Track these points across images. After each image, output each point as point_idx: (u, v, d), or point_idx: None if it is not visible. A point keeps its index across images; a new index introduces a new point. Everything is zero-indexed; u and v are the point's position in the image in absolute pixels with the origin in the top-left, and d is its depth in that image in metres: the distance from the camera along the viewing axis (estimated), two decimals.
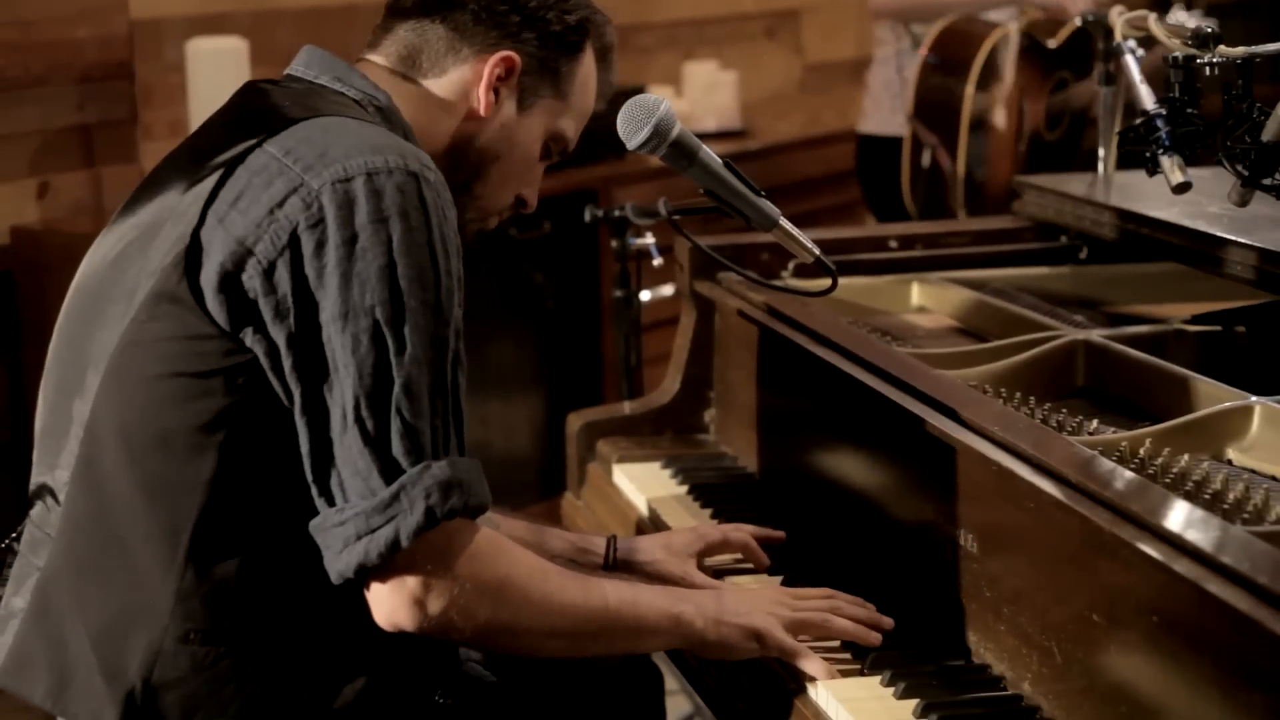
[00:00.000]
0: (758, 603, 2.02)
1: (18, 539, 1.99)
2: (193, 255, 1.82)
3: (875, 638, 1.98)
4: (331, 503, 1.80)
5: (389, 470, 1.77)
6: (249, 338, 1.80)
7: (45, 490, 1.94)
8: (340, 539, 1.78)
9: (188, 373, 1.82)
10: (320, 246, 1.79)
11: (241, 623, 1.84)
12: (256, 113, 1.93)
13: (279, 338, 1.79)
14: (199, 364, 1.81)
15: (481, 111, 2.03)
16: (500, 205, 2.10)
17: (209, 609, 1.82)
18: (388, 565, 1.79)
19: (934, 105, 4.46)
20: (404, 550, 1.77)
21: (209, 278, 1.80)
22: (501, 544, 1.88)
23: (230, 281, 1.80)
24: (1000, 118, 4.40)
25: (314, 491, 1.80)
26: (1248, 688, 1.48)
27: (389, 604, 1.81)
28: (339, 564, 1.79)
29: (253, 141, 1.86)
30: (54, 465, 1.92)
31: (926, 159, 4.46)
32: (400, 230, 1.79)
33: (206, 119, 2.02)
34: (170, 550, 1.82)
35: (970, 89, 4.38)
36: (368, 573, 1.79)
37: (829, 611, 2.01)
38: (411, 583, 1.80)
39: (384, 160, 1.82)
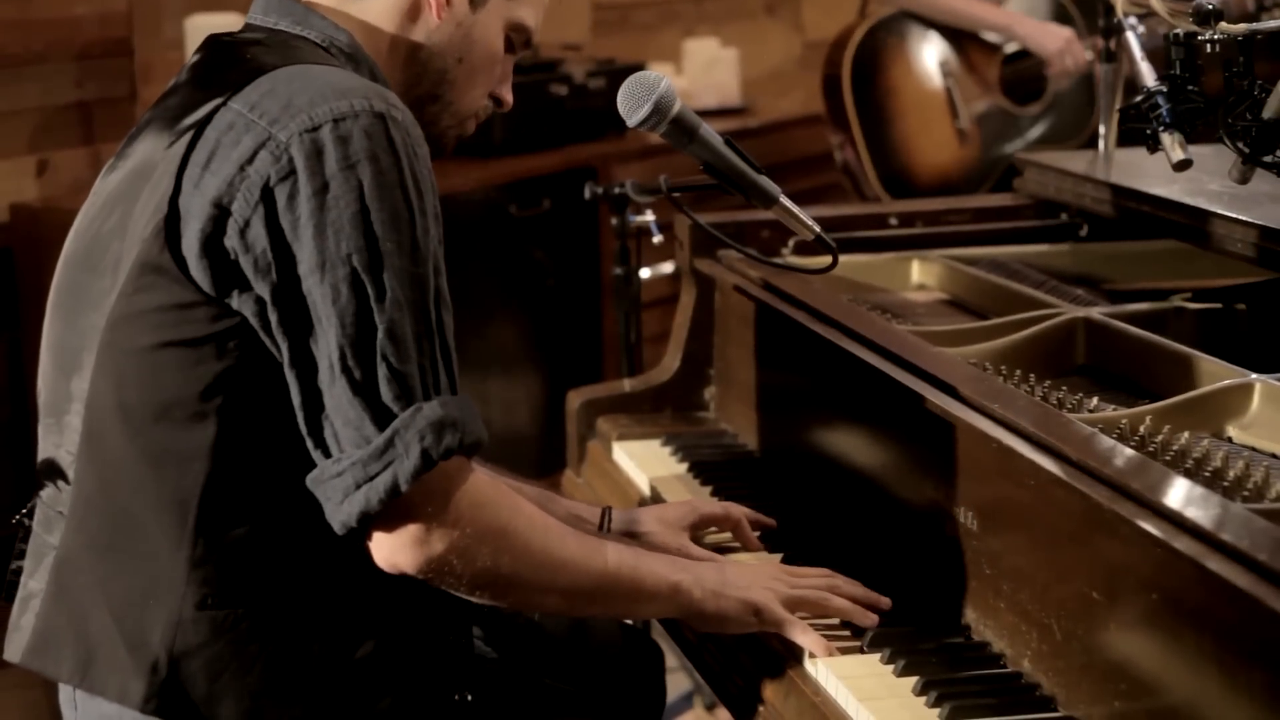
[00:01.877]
0: (757, 578, 2.02)
1: (29, 515, 1.99)
2: (172, 224, 1.81)
3: (872, 618, 1.98)
4: (327, 454, 1.80)
5: (381, 417, 1.77)
6: (236, 300, 1.80)
7: (53, 468, 1.94)
8: (340, 490, 1.78)
9: (179, 341, 1.82)
10: (293, 198, 1.78)
11: (257, 584, 1.84)
12: (218, 69, 1.92)
13: (264, 294, 1.79)
14: (190, 331, 1.81)
15: (434, 16, 2.01)
16: (474, 107, 2.08)
17: (223, 573, 1.83)
18: (389, 510, 1.79)
19: (831, 101, 4.48)
20: (404, 494, 1.78)
21: (190, 244, 1.80)
22: (504, 491, 1.88)
23: (212, 245, 1.79)
24: (905, 101, 4.40)
25: (309, 445, 1.80)
26: (1247, 664, 1.48)
27: (390, 545, 1.81)
28: (340, 515, 1.79)
29: (218, 100, 1.85)
30: (59, 443, 1.93)
31: (839, 157, 4.49)
32: (370, 174, 1.79)
33: (173, 80, 2.00)
34: (180, 519, 1.83)
35: (847, 82, 4.39)
36: (370, 520, 1.79)
37: (827, 590, 2.01)
38: (413, 523, 1.80)
39: (349, 105, 1.81)
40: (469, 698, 1.94)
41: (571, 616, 2.17)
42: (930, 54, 4.43)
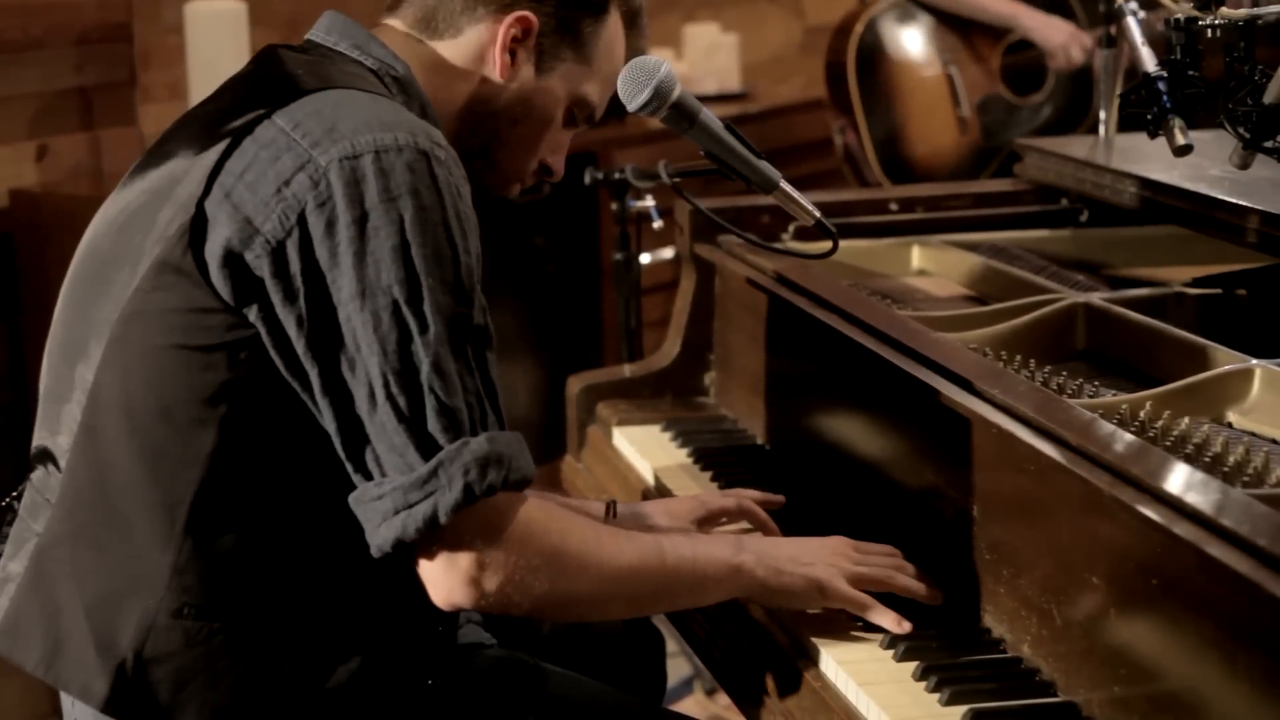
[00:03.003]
0: (821, 553, 1.99)
1: (18, 498, 1.99)
2: (197, 226, 1.80)
3: (939, 597, 1.97)
4: (369, 478, 1.78)
5: (426, 447, 1.75)
6: (252, 314, 1.78)
7: (46, 455, 1.93)
8: (379, 513, 1.76)
9: (190, 345, 1.80)
10: (330, 226, 1.76)
11: (236, 599, 1.83)
12: (268, 81, 1.90)
13: (289, 318, 1.77)
14: (202, 337, 1.80)
15: (497, 74, 1.99)
16: (522, 172, 2.06)
17: (204, 584, 1.82)
18: (433, 543, 1.77)
19: (834, 87, 4.49)
20: (447, 526, 1.75)
21: (214, 251, 1.79)
22: (553, 513, 1.85)
23: (235, 259, 1.78)
24: (907, 89, 4.42)
25: (350, 468, 1.78)
26: (1248, 650, 1.48)
27: (445, 584, 1.79)
28: (377, 538, 1.77)
29: (261, 111, 1.83)
30: (56, 430, 1.92)
31: (840, 142, 4.50)
32: (412, 209, 1.77)
33: (224, 82, 1.99)
34: (168, 523, 1.81)
35: (852, 68, 4.40)
36: (406, 549, 1.77)
37: (892, 569, 1.98)
38: (464, 560, 1.77)
39: (393, 138, 1.79)
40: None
41: (642, 617, 2.15)
42: (933, 42, 4.43)
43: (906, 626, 1.91)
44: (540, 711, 1.98)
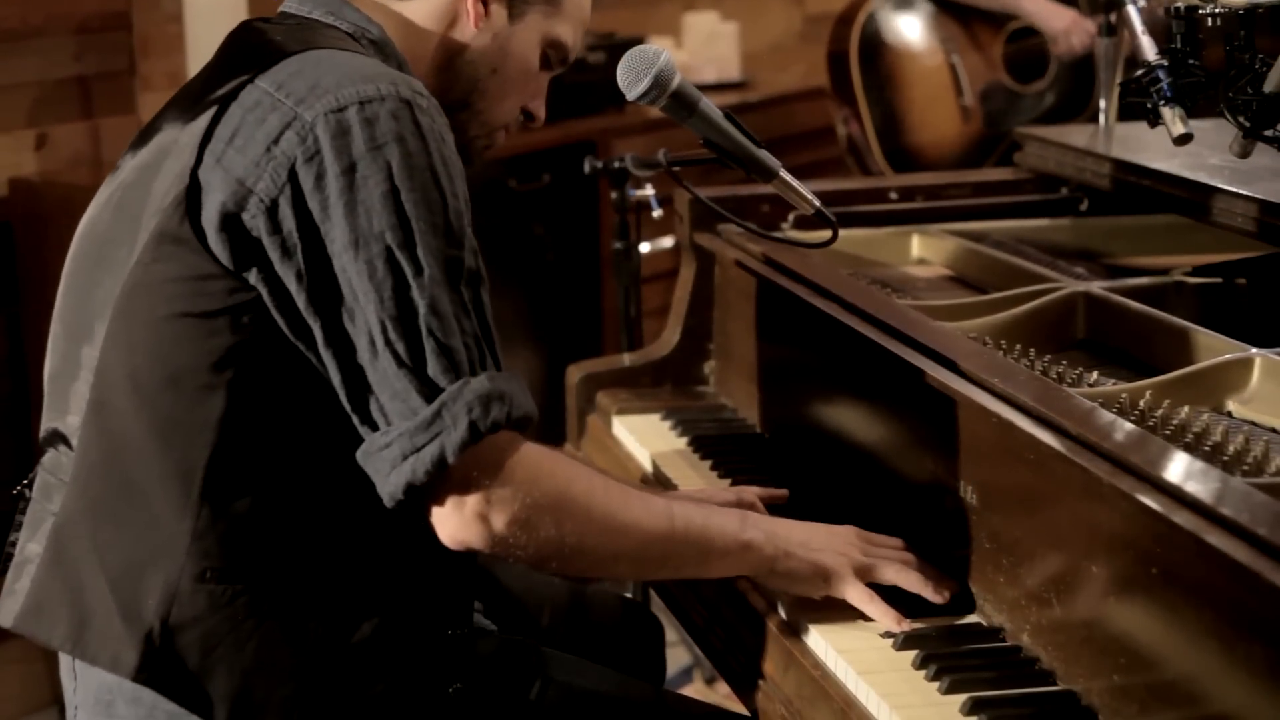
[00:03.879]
0: (831, 541, 1.99)
1: (29, 486, 2.00)
2: (192, 195, 1.82)
3: (944, 596, 1.96)
4: (375, 429, 1.79)
5: (428, 389, 1.77)
6: (253, 276, 1.80)
7: (57, 436, 1.94)
8: (387, 462, 1.78)
9: (194, 313, 1.82)
10: (320, 179, 1.79)
11: (257, 560, 1.84)
12: (249, 49, 1.93)
13: (288, 275, 1.79)
14: (205, 304, 1.81)
15: (471, 24, 2.02)
16: (504, 119, 2.09)
17: (224, 547, 1.83)
18: (441, 484, 1.78)
19: (837, 77, 4.50)
20: (454, 466, 1.77)
21: (210, 217, 1.80)
22: (560, 460, 1.88)
23: (232, 221, 1.80)
24: (910, 77, 4.42)
25: (355, 421, 1.80)
26: (1247, 639, 1.49)
27: (453, 523, 1.81)
28: (388, 486, 1.78)
29: (245, 77, 1.86)
30: (65, 411, 1.93)
31: (843, 131, 4.50)
32: (398, 156, 1.79)
33: (206, 63, 2.01)
34: (184, 491, 1.83)
35: (855, 57, 4.41)
36: (418, 493, 1.78)
37: (900, 563, 1.98)
38: (471, 499, 1.79)
39: (376, 88, 1.81)
40: (461, 689, 1.93)
41: (643, 580, 2.14)
42: (935, 31, 4.43)
43: (906, 626, 1.91)
44: (544, 694, 1.99)
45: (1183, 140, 2.22)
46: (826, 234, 2.25)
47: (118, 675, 1.85)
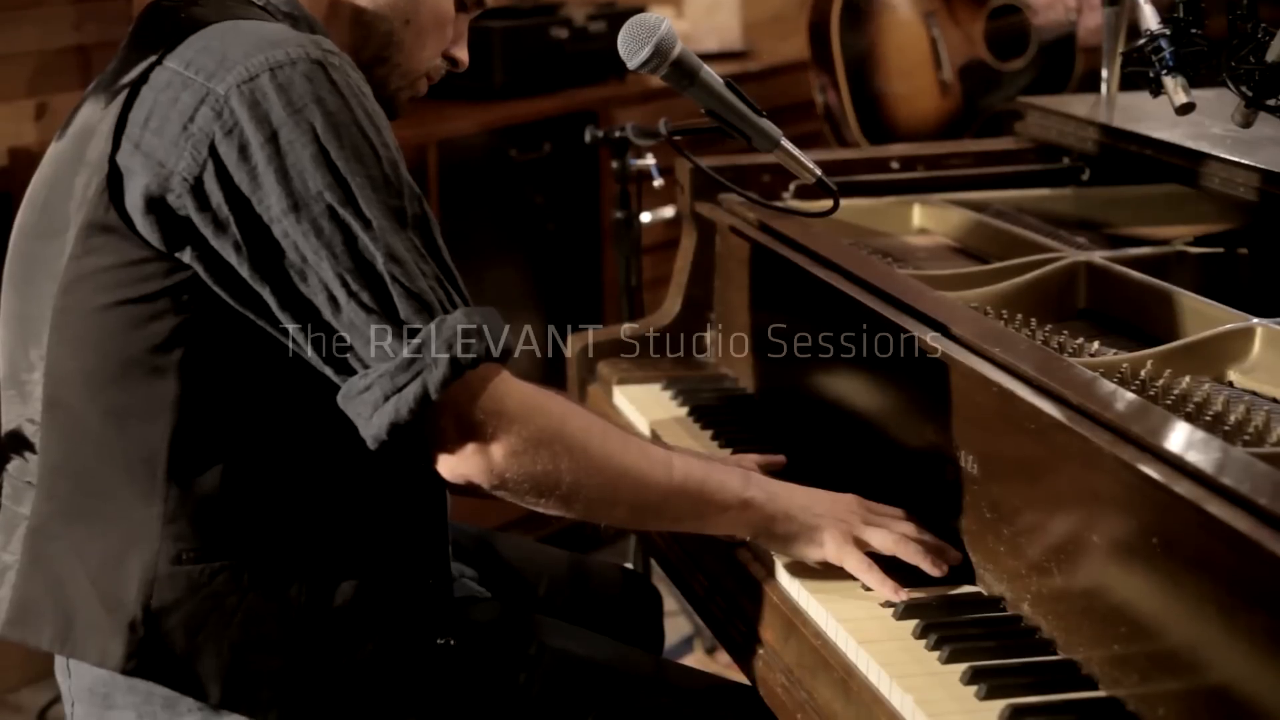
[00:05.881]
0: (832, 507, 1.99)
1: None
2: (114, 182, 1.81)
3: (942, 569, 1.95)
4: (352, 375, 1.79)
5: (403, 330, 1.77)
6: (187, 255, 1.79)
7: (18, 440, 1.93)
8: (369, 404, 1.77)
9: (133, 298, 1.81)
10: (243, 150, 1.77)
11: (231, 536, 1.84)
12: (155, 30, 1.90)
13: (225, 248, 1.78)
14: (142, 288, 1.81)
15: None
16: (424, 68, 2.05)
17: (197, 527, 1.83)
18: (434, 420, 1.78)
19: (817, 46, 4.49)
20: (442, 402, 1.77)
21: (134, 202, 1.79)
22: (554, 397, 1.88)
23: (157, 204, 1.78)
24: (890, 50, 4.41)
25: (330, 372, 1.80)
26: (1247, 608, 1.49)
27: (451, 458, 1.81)
28: (371, 429, 1.78)
29: (153, 59, 1.84)
30: (22, 414, 1.92)
31: (820, 100, 4.50)
32: (320, 116, 1.78)
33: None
34: (149, 477, 1.82)
35: (835, 27, 4.40)
36: (403, 432, 1.78)
37: (900, 533, 1.97)
38: (466, 432, 1.80)
39: (284, 53, 1.80)
40: (451, 643, 1.94)
41: (640, 530, 2.14)
42: (917, 4, 4.42)
43: (905, 595, 1.91)
44: (539, 659, 1.99)
45: (1185, 110, 2.22)
46: (828, 203, 2.25)
47: (107, 669, 1.85)
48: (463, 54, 2.09)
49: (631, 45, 2.11)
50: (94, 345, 1.83)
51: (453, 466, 1.81)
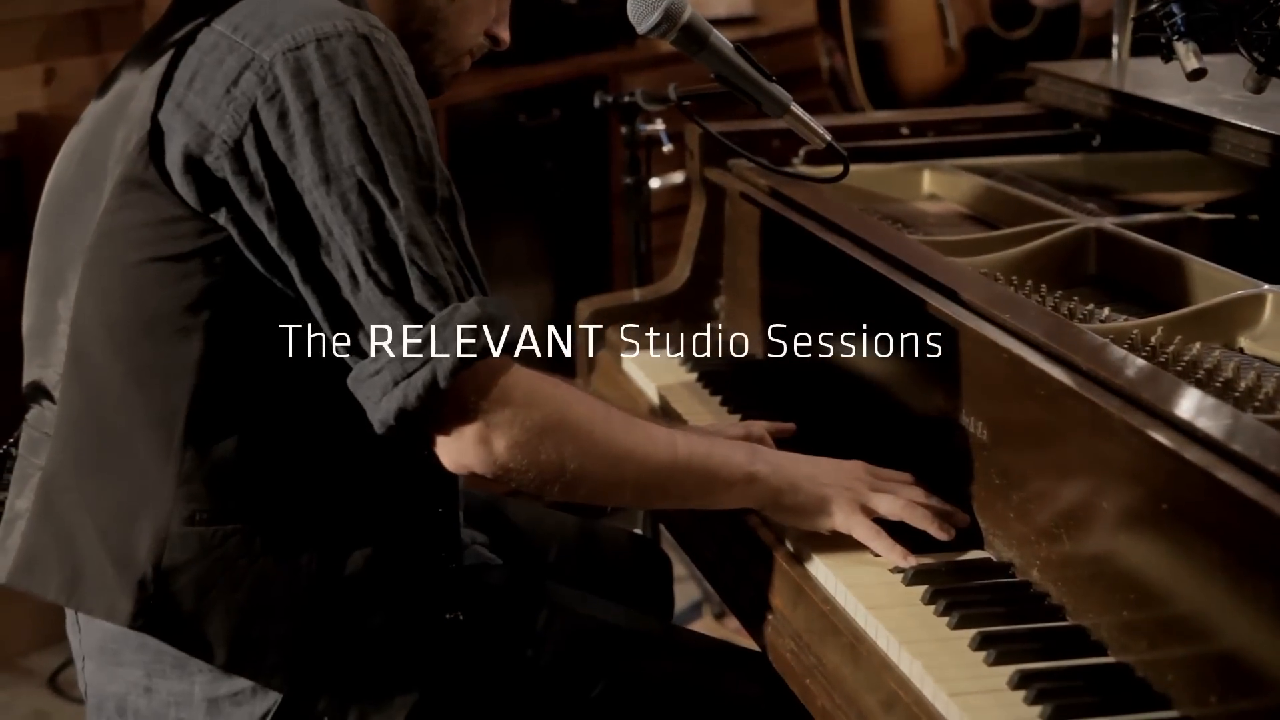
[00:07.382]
0: (838, 476, 1.99)
1: (15, 444, 1.99)
2: (155, 139, 1.81)
3: (950, 533, 1.95)
4: (364, 357, 1.79)
5: (416, 315, 1.77)
6: (221, 217, 1.79)
7: (39, 390, 1.94)
8: (378, 388, 1.78)
9: (165, 256, 1.81)
10: (283, 117, 1.78)
11: (245, 500, 1.84)
12: None
13: (258, 214, 1.78)
14: (175, 247, 1.81)
15: None
16: (467, 45, 2.05)
17: (211, 489, 1.83)
18: (438, 409, 1.78)
19: (826, 8, 4.49)
20: (449, 391, 1.77)
21: (174, 160, 1.80)
22: (558, 384, 1.87)
23: (196, 164, 1.79)
24: (898, 15, 4.40)
25: (342, 350, 1.80)
26: (1257, 574, 1.49)
27: (454, 448, 1.81)
28: (379, 413, 1.78)
29: (200, 20, 1.85)
30: (45, 365, 1.93)
31: (826, 63, 4.49)
32: (361, 90, 1.78)
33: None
34: (167, 435, 1.82)
35: None
36: (410, 418, 1.78)
37: (907, 499, 1.97)
38: (470, 423, 1.79)
39: (332, 25, 1.80)
40: (460, 617, 1.94)
41: (647, 509, 2.14)
42: None
43: (913, 561, 1.91)
44: (549, 625, 1.99)
45: (1196, 75, 2.21)
46: (837, 169, 2.25)
47: (115, 624, 1.85)
48: (505, 32, 2.09)
49: (641, 10, 2.11)
50: (122, 300, 1.83)
51: (455, 457, 1.81)
